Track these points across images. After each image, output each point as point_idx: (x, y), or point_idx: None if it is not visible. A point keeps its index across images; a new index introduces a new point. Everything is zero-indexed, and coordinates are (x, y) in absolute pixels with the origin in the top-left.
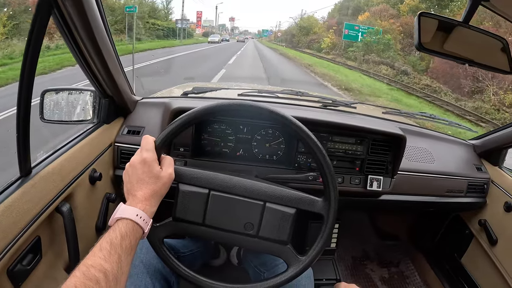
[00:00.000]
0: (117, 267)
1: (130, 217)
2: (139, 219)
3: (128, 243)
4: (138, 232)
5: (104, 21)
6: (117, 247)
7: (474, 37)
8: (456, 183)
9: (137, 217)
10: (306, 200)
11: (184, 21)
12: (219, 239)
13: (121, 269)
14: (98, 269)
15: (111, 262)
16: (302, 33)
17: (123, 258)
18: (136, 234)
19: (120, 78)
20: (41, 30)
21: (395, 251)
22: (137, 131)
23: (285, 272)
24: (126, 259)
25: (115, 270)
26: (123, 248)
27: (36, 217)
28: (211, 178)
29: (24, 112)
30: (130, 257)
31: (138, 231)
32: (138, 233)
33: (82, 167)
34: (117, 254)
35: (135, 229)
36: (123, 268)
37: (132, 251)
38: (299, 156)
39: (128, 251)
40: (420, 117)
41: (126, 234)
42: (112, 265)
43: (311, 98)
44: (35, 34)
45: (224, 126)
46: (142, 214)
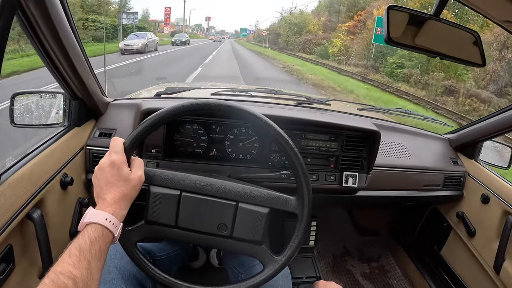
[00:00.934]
0: (87, 273)
1: (99, 221)
2: (109, 223)
3: (97, 248)
4: (108, 236)
5: (70, 22)
6: (86, 252)
7: (446, 30)
8: (433, 177)
9: (106, 221)
10: (279, 199)
11: (130, 14)
12: (193, 241)
13: (91, 275)
14: (67, 275)
15: (81, 268)
16: (293, 31)
17: (93, 264)
18: (106, 238)
19: (90, 79)
20: (4, 31)
21: (375, 246)
22: (108, 134)
23: (261, 273)
24: (96, 264)
25: (84, 277)
26: (92, 254)
27: (6, 225)
28: (182, 179)
29: None
30: (100, 263)
31: (108, 235)
32: (108, 237)
33: (52, 171)
34: (86, 260)
35: (104, 233)
36: (93, 274)
37: (102, 256)
38: (272, 155)
39: (98, 257)
40: (395, 112)
41: (96, 239)
42: (81, 271)
43: (285, 96)
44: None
45: (197, 126)
46: (111, 218)
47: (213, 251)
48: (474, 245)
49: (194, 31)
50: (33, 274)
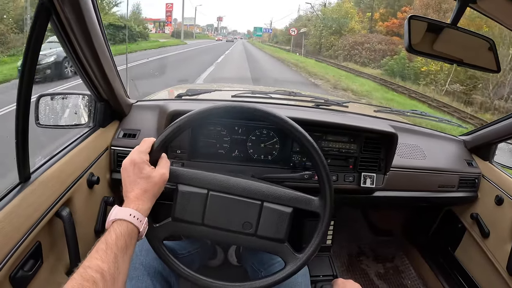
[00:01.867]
0: (114, 266)
1: (124, 217)
2: (133, 218)
3: (123, 242)
4: (133, 230)
5: (100, 24)
6: (113, 246)
7: (462, 38)
8: (448, 178)
9: (130, 217)
10: (302, 199)
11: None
12: (217, 238)
13: (118, 268)
14: (95, 269)
15: (108, 262)
16: (329, 30)
17: (120, 258)
18: (131, 233)
19: (116, 81)
20: (40, 36)
21: (390, 247)
22: (133, 134)
23: (283, 270)
24: (123, 258)
25: (112, 270)
26: (118, 247)
27: (36, 223)
28: (210, 179)
29: (22, 118)
30: (127, 257)
31: (133, 229)
32: (133, 231)
33: (80, 171)
34: (113, 254)
35: (129, 228)
36: (120, 268)
37: (128, 250)
38: (294, 156)
39: (124, 250)
40: (411, 114)
41: (121, 234)
42: (108, 265)
43: (303, 98)
44: (34, 40)
45: (219, 127)
46: (135, 213)
47: (231, 250)
48: (488, 246)
49: (205, 31)
50: (61, 270)
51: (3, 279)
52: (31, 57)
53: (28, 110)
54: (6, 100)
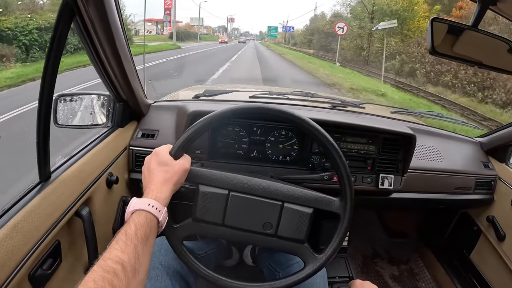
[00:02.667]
0: (134, 257)
1: (142, 207)
2: (151, 208)
3: (143, 232)
4: (152, 220)
5: (122, 24)
6: (132, 237)
7: (483, 40)
8: (464, 180)
9: (149, 206)
10: (323, 200)
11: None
12: (238, 239)
13: (139, 259)
14: (115, 260)
15: (128, 253)
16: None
17: (140, 248)
18: (151, 222)
19: (135, 82)
20: (63, 36)
21: (405, 249)
22: (151, 135)
23: (302, 270)
24: (143, 249)
25: (132, 261)
26: (138, 238)
27: (56, 222)
28: (231, 179)
29: (44, 118)
30: (147, 248)
31: (152, 219)
32: (152, 221)
33: (99, 171)
34: (133, 244)
35: (148, 217)
36: (141, 259)
37: (149, 241)
38: (313, 157)
39: (144, 241)
40: (427, 116)
41: (140, 224)
42: (129, 256)
43: (320, 99)
44: (57, 41)
45: (238, 128)
46: (153, 203)
47: (247, 250)
48: (503, 249)
49: (216, 32)
50: (79, 269)
51: (23, 277)
52: (54, 57)
53: (50, 111)
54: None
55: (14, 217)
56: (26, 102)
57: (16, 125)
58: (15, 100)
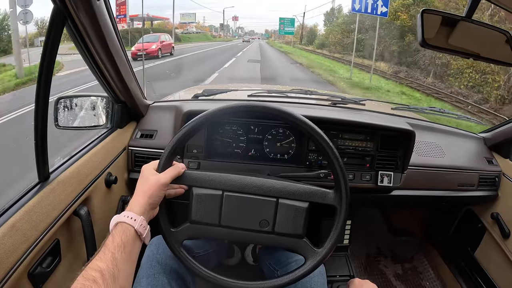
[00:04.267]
0: (112, 264)
1: (118, 219)
2: (125, 218)
3: (118, 240)
4: (127, 229)
5: (115, 27)
6: (109, 246)
7: (478, 31)
8: (468, 177)
9: (124, 217)
10: (317, 193)
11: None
12: (236, 238)
13: (117, 266)
14: (94, 269)
15: (106, 261)
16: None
17: (117, 255)
18: (126, 231)
19: (132, 83)
20: (55, 41)
21: (408, 247)
22: (150, 135)
23: (303, 266)
24: (121, 256)
25: (110, 268)
26: (114, 246)
27: (55, 221)
28: (224, 179)
29: (41, 119)
30: (125, 255)
31: (127, 228)
32: (128, 229)
33: (98, 171)
34: (110, 253)
35: (123, 226)
36: (119, 265)
37: (127, 248)
38: (310, 154)
39: (121, 248)
40: (429, 111)
41: (116, 233)
42: (107, 263)
43: (320, 97)
44: (50, 45)
45: (235, 127)
46: (128, 214)
47: (248, 249)
48: (508, 247)
49: (215, 31)
50: (78, 267)
51: (22, 275)
52: (47, 60)
53: (47, 112)
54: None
55: (13, 216)
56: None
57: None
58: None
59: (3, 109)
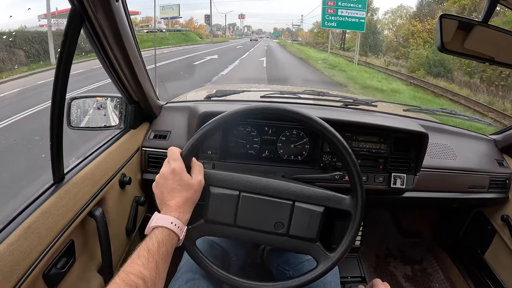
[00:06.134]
0: (155, 273)
1: (165, 225)
2: (174, 227)
3: (164, 250)
4: (174, 239)
5: (131, 28)
6: (155, 254)
7: (494, 35)
8: (478, 179)
9: (172, 225)
10: (333, 198)
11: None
12: (249, 239)
13: (159, 275)
14: (137, 275)
15: (150, 269)
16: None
17: (161, 265)
18: (172, 241)
19: (146, 84)
20: (73, 41)
21: (418, 248)
22: (163, 136)
23: (315, 269)
24: (163, 265)
25: (153, 276)
26: (160, 255)
27: (70, 222)
28: (241, 180)
29: (57, 121)
30: (166, 264)
31: (174, 238)
32: (174, 239)
33: (112, 172)
34: (154, 261)
35: (170, 236)
36: (161, 274)
37: (168, 257)
38: (324, 156)
39: (165, 258)
40: (440, 113)
41: (163, 241)
42: (150, 272)
43: (332, 98)
44: (68, 45)
45: (249, 128)
46: (176, 222)
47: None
48: None
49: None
50: (92, 268)
51: (37, 276)
52: (64, 61)
53: (63, 113)
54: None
55: (28, 217)
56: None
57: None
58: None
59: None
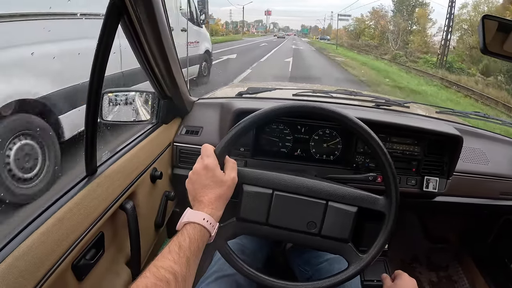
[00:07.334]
0: (186, 269)
1: (198, 221)
2: (206, 223)
3: (196, 246)
4: (205, 235)
5: (168, 23)
6: (186, 250)
7: None
8: (510, 186)
9: (204, 221)
10: (367, 199)
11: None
12: (282, 238)
13: (189, 271)
14: (168, 270)
15: (180, 264)
16: None
17: (191, 261)
18: (204, 237)
19: (180, 79)
20: (110, 35)
21: (444, 255)
22: (195, 131)
23: (346, 270)
24: (194, 261)
25: (184, 272)
26: (191, 251)
27: (102, 214)
28: (274, 179)
29: (92, 114)
30: (197, 260)
31: (205, 234)
32: (205, 236)
33: (143, 166)
34: (186, 257)
35: (202, 232)
36: (191, 270)
37: (200, 253)
38: (357, 156)
39: (196, 254)
40: (473, 116)
41: (194, 238)
42: (181, 267)
43: (364, 98)
44: (105, 40)
45: (282, 126)
46: (208, 218)
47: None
48: None
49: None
50: (121, 260)
51: (66, 267)
52: (101, 55)
53: (98, 107)
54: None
55: (60, 208)
56: None
57: None
58: None
59: None
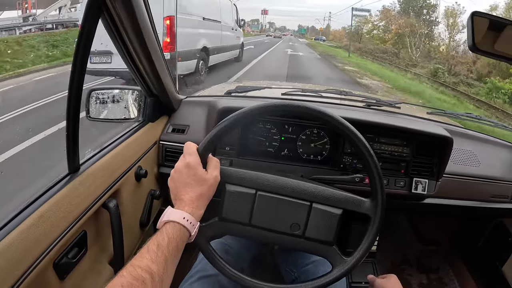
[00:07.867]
0: (163, 268)
1: (177, 220)
2: (186, 222)
3: (174, 245)
4: (185, 234)
5: (151, 20)
6: (164, 249)
7: None
8: (501, 188)
9: (184, 220)
10: (353, 201)
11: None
12: (264, 239)
13: (167, 271)
14: (145, 270)
15: (158, 264)
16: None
17: (169, 261)
18: (183, 237)
19: (166, 77)
20: (91, 32)
21: (435, 257)
22: (181, 130)
23: (330, 273)
24: (172, 261)
25: (161, 272)
26: (169, 251)
27: (84, 213)
28: (258, 179)
29: (73, 111)
30: (176, 260)
31: (185, 233)
32: (185, 235)
33: (128, 164)
34: (163, 256)
35: (182, 231)
36: (169, 270)
37: (178, 253)
38: (345, 157)
39: (174, 254)
40: (465, 118)
41: (173, 237)
42: (158, 267)
43: (354, 98)
44: (85, 36)
45: (269, 125)
46: (188, 217)
47: None
48: None
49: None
50: (104, 259)
51: (47, 265)
52: (82, 52)
53: (79, 104)
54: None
55: (41, 206)
56: None
57: None
58: None
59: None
